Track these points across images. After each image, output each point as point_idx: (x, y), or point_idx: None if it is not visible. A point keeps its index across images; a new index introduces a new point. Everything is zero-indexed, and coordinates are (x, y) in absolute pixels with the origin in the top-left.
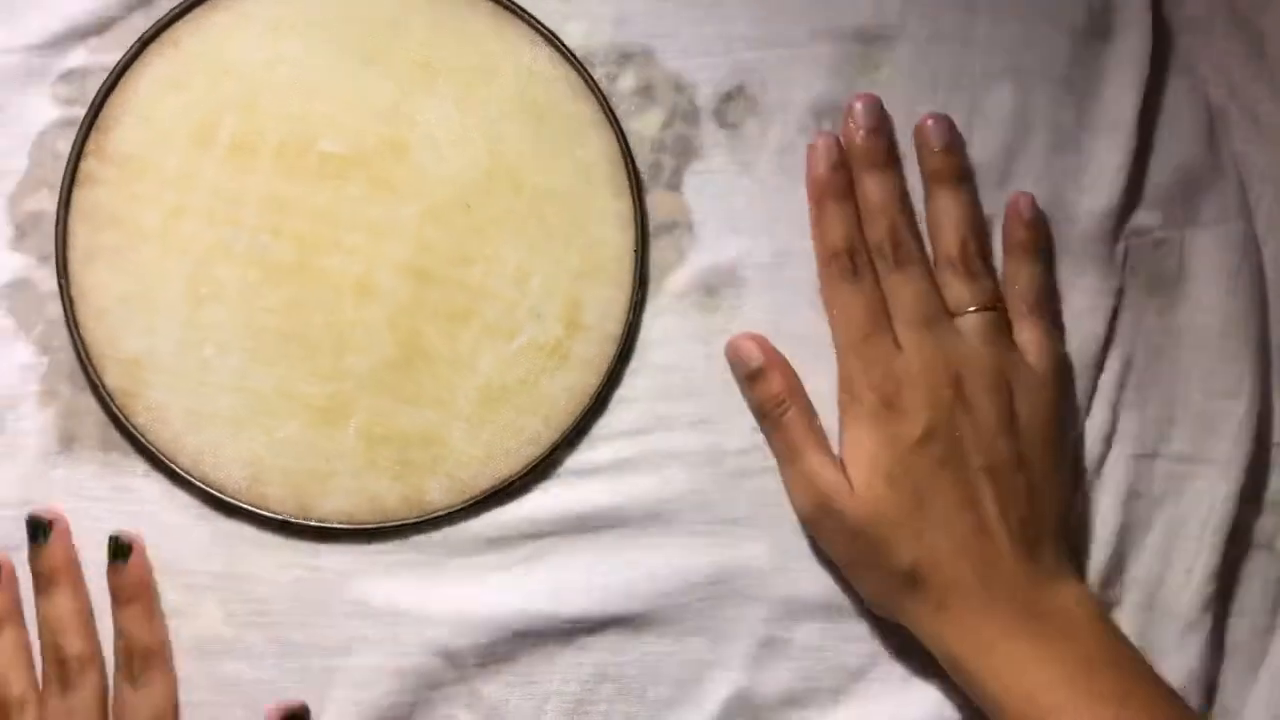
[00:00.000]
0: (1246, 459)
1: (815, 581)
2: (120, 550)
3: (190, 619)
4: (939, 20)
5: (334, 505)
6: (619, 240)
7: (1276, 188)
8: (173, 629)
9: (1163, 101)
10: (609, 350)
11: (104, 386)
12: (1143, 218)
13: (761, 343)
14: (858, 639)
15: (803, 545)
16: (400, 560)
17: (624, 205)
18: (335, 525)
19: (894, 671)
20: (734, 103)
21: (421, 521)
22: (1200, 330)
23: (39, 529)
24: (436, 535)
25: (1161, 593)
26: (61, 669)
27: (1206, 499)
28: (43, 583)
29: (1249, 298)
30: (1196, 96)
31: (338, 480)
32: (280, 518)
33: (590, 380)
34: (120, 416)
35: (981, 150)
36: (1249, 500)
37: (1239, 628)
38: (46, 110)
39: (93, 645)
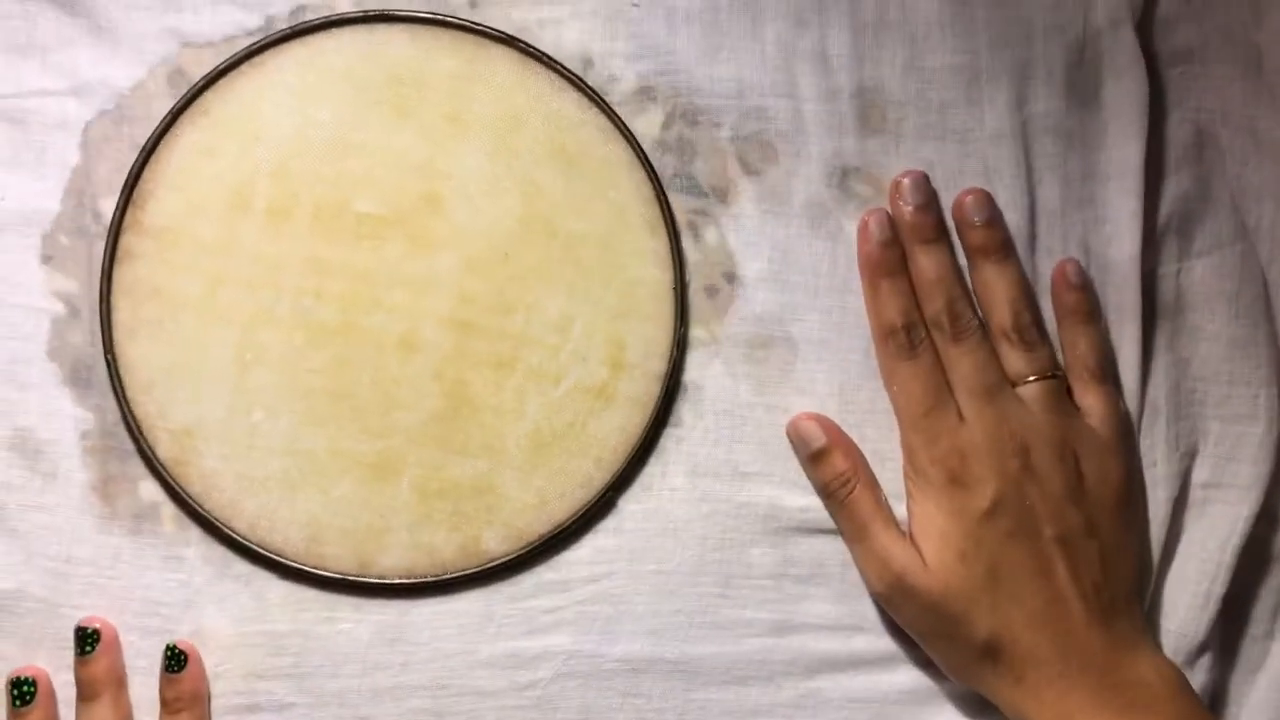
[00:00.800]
0: (1267, 481)
1: (865, 635)
2: (175, 660)
3: (225, 679)
4: (942, 78)
5: (393, 560)
6: (657, 279)
7: (1277, 204)
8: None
9: (1160, 138)
10: (654, 389)
11: (157, 459)
12: (1153, 256)
13: (823, 422)
14: (900, 688)
15: (861, 602)
16: (452, 609)
17: (660, 243)
18: (396, 581)
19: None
20: (753, 147)
21: (480, 572)
22: (1207, 359)
23: (86, 640)
24: (495, 584)
25: (1176, 617)
26: None
27: (1226, 523)
28: (85, 692)
29: (1253, 319)
30: (1188, 127)
31: (394, 535)
32: (340, 577)
33: (638, 419)
34: (175, 486)
35: (1002, 207)
36: (1265, 517)
37: (1241, 635)
38: (77, 156)
39: None
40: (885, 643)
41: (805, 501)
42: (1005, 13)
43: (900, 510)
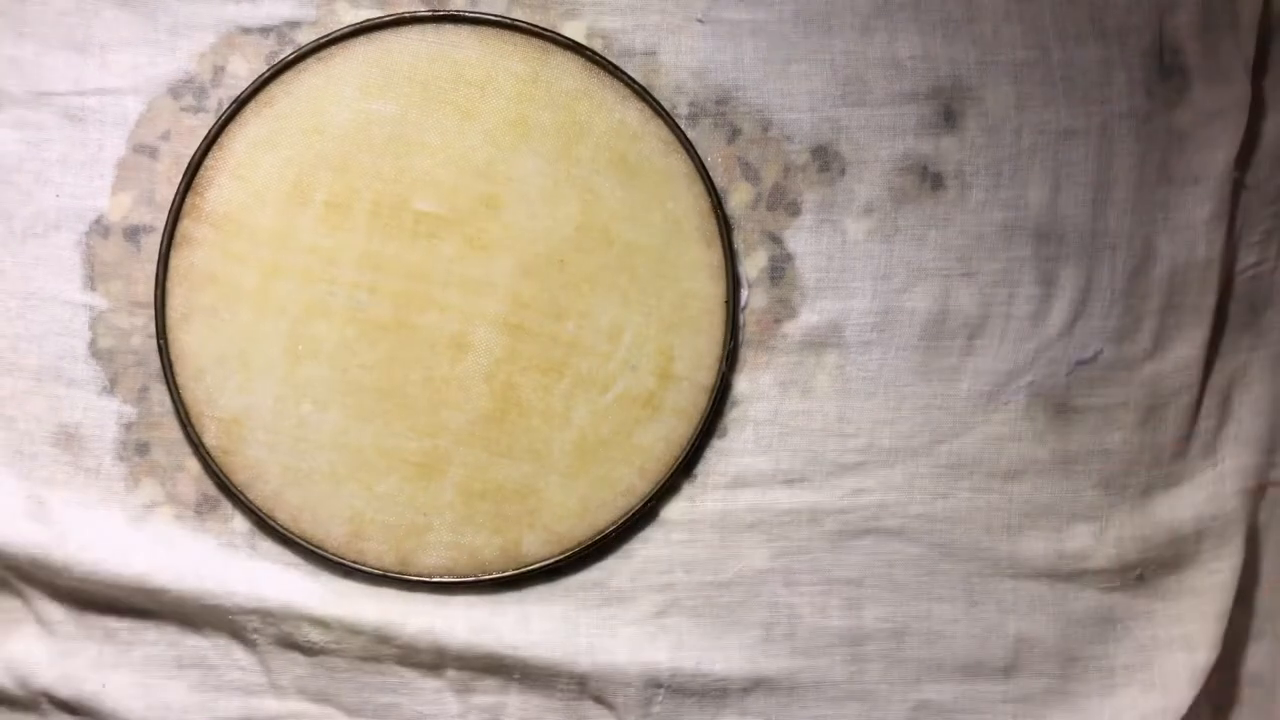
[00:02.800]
0: None
1: (948, 644)
2: None
3: (262, 658)
4: (1016, 77)
5: (434, 559)
6: (710, 292)
7: None
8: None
9: (1255, 140)
10: (701, 401)
11: (204, 446)
12: (1241, 257)
13: None
14: (1003, 699)
15: (924, 606)
16: (534, 611)
17: (715, 257)
18: (436, 579)
19: None
20: (824, 159)
21: (520, 574)
22: None
23: None
24: (538, 587)
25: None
26: None
27: None
28: None
29: None
30: None
31: (436, 534)
32: (380, 573)
33: (684, 430)
34: (220, 474)
35: (1070, 205)
36: None
37: None
38: (128, 153)
39: None
40: (966, 650)
41: (844, 503)
42: (1075, 11)
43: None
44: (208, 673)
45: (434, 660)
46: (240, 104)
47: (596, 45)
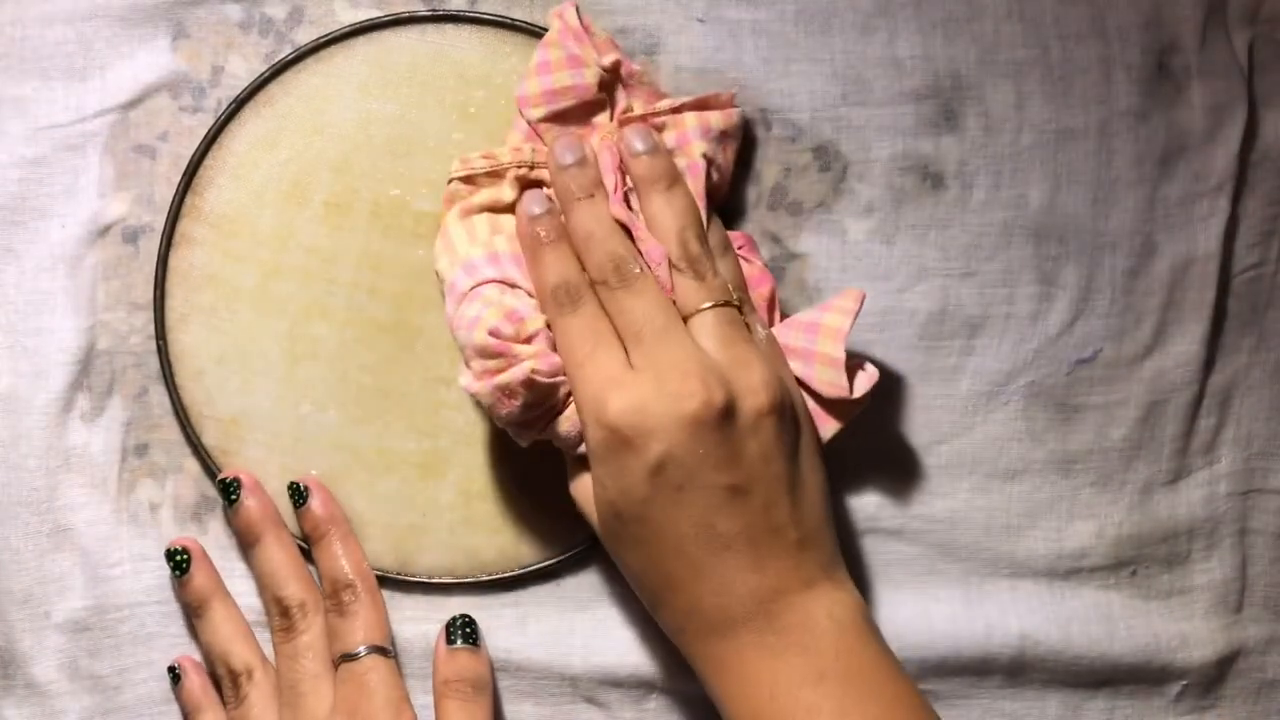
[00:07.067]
0: None
1: (947, 644)
2: (299, 495)
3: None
4: (1017, 76)
5: (433, 560)
6: None
7: None
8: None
9: (1254, 140)
10: None
11: (203, 446)
12: (1240, 257)
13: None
14: (1003, 697)
15: (923, 606)
16: (518, 614)
17: None
18: (435, 580)
19: None
20: (825, 159)
21: (519, 576)
22: None
23: (229, 490)
24: (536, 588)
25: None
26: (285, 617)
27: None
28: (248, 539)
29: None
30: None
31: (436, 535)
32: (380, 573)
33: None
34: (219, 475)
35: (1070, 204)
36: None
37: None
38: (124, 156)
39: (310, 588)
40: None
41: (872, 512)
42: (1075, 10)
43: None
44: None
45: (427, 669)
46: (239, 104)
47: None
